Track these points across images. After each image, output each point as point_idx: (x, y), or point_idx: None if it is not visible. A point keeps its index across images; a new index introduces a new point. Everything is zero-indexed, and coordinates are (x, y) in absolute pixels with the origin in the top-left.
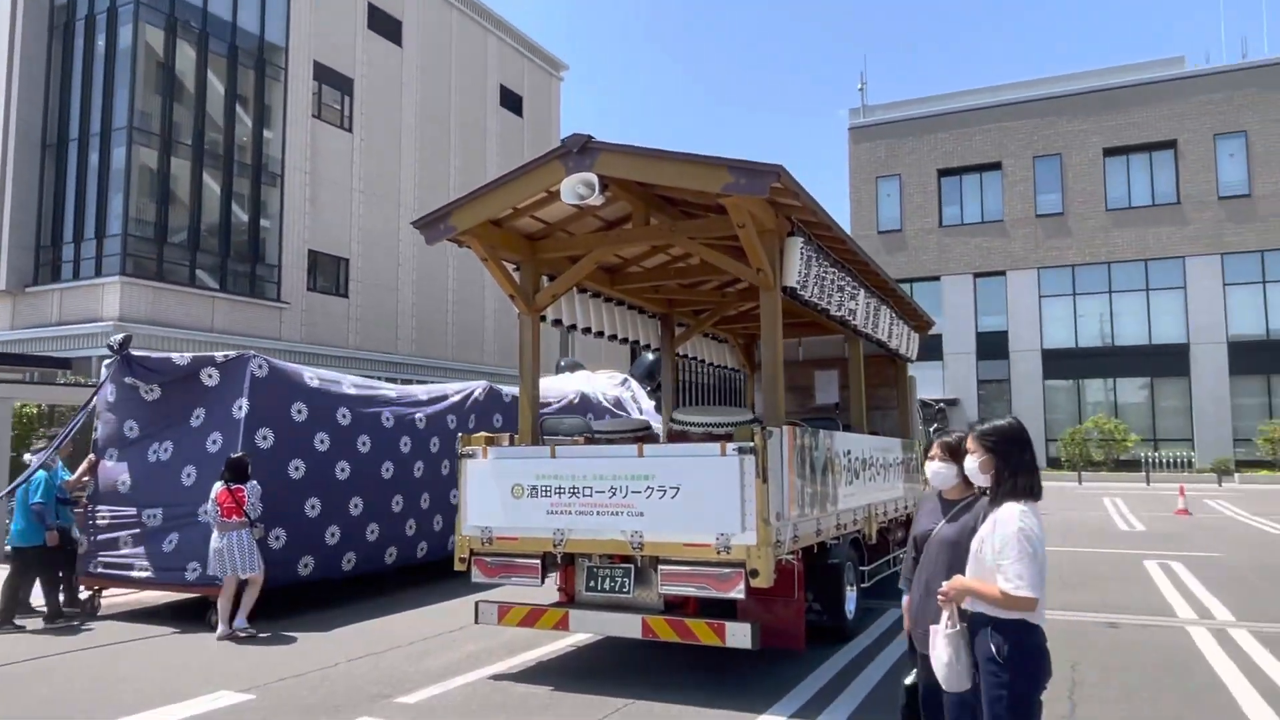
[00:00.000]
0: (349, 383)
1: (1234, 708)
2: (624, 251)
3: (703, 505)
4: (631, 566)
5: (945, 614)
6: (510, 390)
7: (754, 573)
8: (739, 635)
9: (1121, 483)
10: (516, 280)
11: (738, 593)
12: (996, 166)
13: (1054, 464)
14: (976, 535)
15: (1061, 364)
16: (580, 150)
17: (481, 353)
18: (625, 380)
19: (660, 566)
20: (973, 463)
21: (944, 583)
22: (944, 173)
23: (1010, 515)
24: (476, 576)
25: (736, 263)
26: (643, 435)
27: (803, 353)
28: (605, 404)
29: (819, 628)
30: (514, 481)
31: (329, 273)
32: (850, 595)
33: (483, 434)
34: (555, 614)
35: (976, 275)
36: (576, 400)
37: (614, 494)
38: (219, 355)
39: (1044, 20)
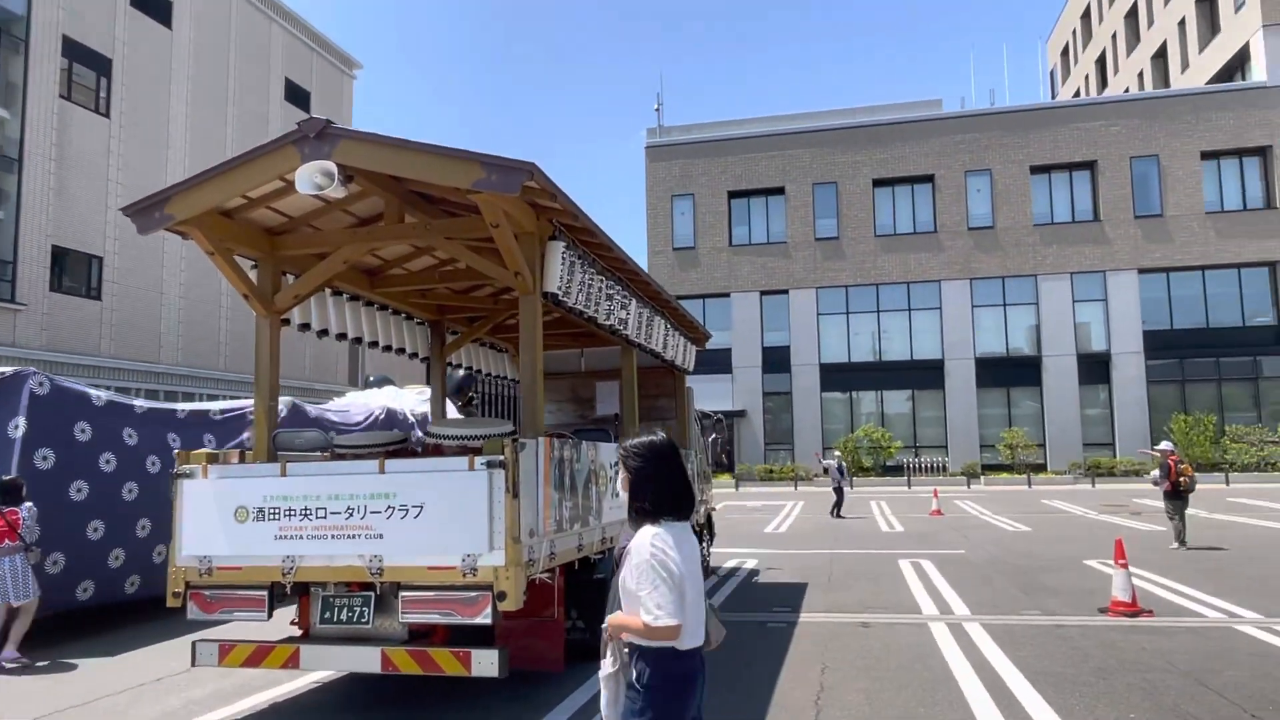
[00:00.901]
0: (138, 402)
1: (961, 701)
2: (384, 252)
3: (448, 524)
4: (371, 594)
5: (609, 650)
6: (317, 407)
7: (501, 595)
8: (485, 663)
9: (887, 487)
10: (253, 279)
11: (484, 618)
12: (780, 191)
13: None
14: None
15: (837, 377)
16: (318, 135)
17: None
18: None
19: (402, 593)
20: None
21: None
22: (733, 194)
23: (642, 541)
24: (194, 613)
25: (496, 266)
26: (396, 450)
27: (585, 363)
28: (413, 420)
29: (584, 646)
30: (238, 504)
31: (78, 272)
32: None
33: (204, 450)
34: (284, 651)
35: (762, 293)
36: (382, 416)
37: (351, 515)
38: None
39: (823, 57)
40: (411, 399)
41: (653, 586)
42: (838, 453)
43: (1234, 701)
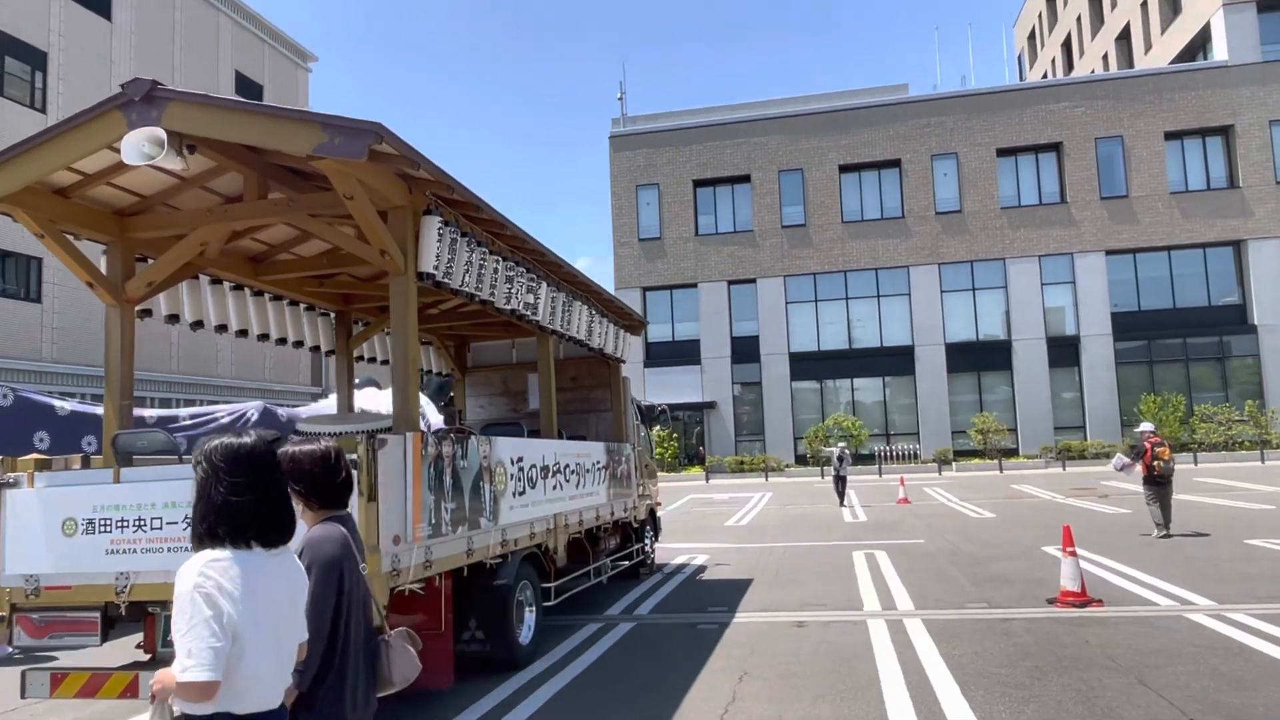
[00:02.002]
0: (101, 410)
1: (879, 711)
2: (266, 236)
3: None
4: None
5: (151, 713)
6: (291, 411)
7: None
8: None
9: (859, 475)
10: (101, 265)
11: None
12: (746, 179)
13: (801, 461)
14: None
15: (807, 366)
16: (144, 98)
17: (216, 364)
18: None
19: None
20: None
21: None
22: (699, 183)
23: (189, 569)
24: (20, 639)
25: (366, 245)
26: None
27: (516, 354)
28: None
29: (485, 659)
30: (66, 515)
31: (16, 274)
32: (528, 617)
33: (32, 456)
34: (122, 679)
35: (730, 282)
36: None
37: (190, 524)
38: None
39: (789, 45)
40: (390, 400)
41: (188, 628)
42: (842, 443)
43: (1173, 702)
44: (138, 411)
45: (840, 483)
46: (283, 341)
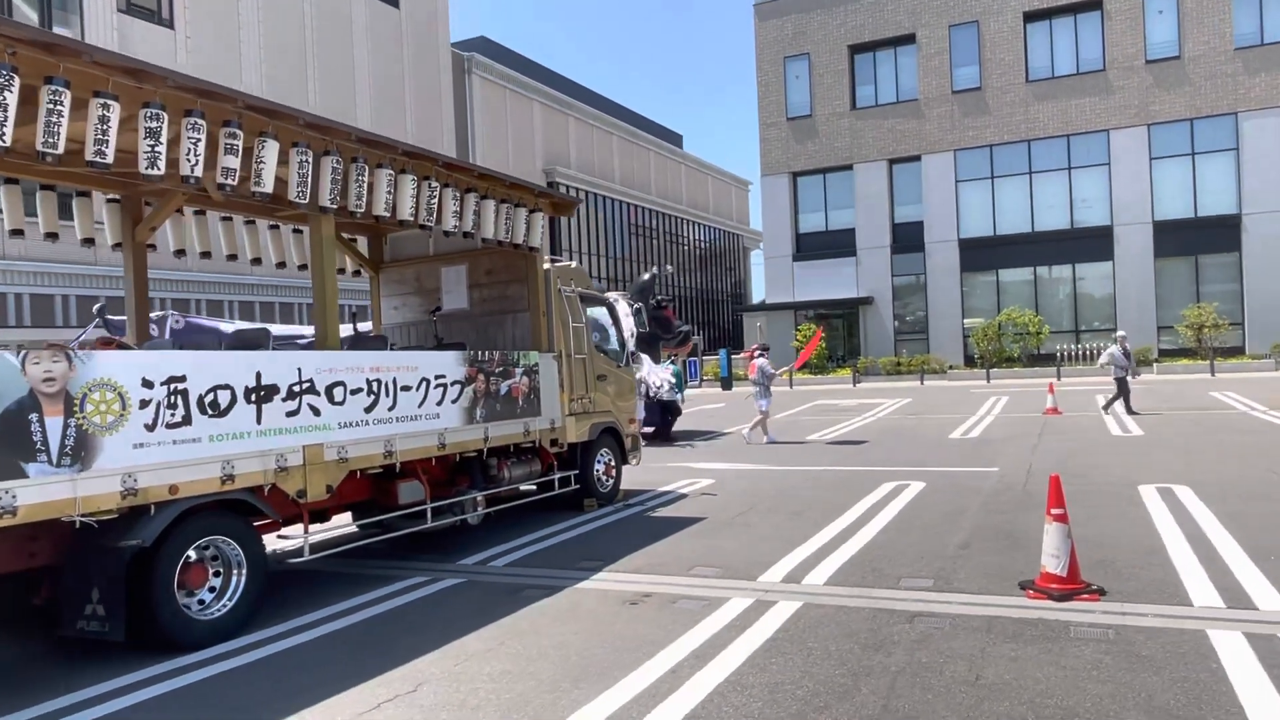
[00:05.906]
0: (271, 328)
1: None
2: None
3: None
4: None
5: None
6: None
7: None
8: None
9: (1030, 379)
10: None
11: None
12: (910, 39)
13: (970, 362)
14: None
15: (980, 254)
16: None
17: None
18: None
19: None
20: None
21: None
22: (855, 49)
23: None
24: None
25: None
26: None
27: (434, 245)
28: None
29: (104, 642)
30: None
31: None
32: (238, 582)
33: None
34: None
35: (891, 161)
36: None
37: None
38: (153, 314)
39: None
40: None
41: None
42: (1122, 332)
43: None
44: (297, 330)
45: (1121, 386)
46: (51, 236)
